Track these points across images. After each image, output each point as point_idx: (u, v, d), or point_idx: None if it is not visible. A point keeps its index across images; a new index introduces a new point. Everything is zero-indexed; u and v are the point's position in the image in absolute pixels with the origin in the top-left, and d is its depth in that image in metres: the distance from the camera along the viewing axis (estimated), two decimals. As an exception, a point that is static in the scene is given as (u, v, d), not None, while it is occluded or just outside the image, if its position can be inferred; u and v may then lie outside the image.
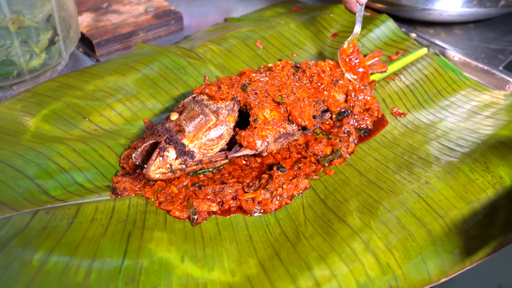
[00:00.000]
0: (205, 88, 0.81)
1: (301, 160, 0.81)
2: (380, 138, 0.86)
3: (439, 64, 1.01)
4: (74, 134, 0.83)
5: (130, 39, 1.10)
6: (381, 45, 1.07)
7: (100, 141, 0.81)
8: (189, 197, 0.74)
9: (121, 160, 0.79)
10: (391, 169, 0.78)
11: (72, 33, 0.98)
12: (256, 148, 0.76)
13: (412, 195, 0.72)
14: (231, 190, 0.75)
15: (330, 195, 0.75)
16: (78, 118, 0.86)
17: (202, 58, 1.00)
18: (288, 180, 0.77)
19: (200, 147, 0.73)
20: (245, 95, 0.80)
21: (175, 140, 0.72)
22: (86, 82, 0.91)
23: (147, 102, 0.91)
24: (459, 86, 0.98)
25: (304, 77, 0.85)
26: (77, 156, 0.77)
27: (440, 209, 0.69)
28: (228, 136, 0.76)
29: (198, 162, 0.74)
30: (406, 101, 0.94)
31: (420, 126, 0.88)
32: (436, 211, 0.69)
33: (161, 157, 0.71)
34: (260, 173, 0.81)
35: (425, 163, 0.78)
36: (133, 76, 0.94)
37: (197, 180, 0.77)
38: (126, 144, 0.82)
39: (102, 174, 0.77)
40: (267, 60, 1.03)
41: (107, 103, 0.89)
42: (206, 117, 0.75)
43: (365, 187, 0.75)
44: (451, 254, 0.65)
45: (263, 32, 1.08)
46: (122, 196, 0.73)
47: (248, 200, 0.74)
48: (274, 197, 0.74)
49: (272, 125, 0.78)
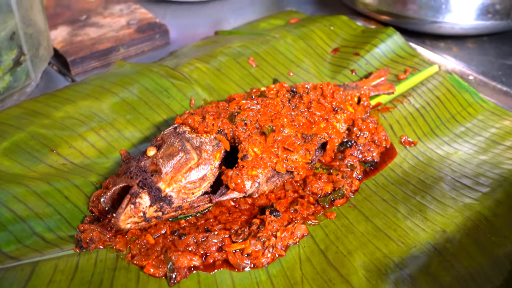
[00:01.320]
0: (187, 117, 0.71)
1: (298, 201, 0.71)
2: (388, 172, 0.76)
3: (451, 83, 0.91)
4: (39, 170, 0.73)
5: (109, 55, 0.99)
6: (387, 62, 0.97)
7: (67, 180, 0.70)
8: (167, 249, 0.63)
9: (90, 202, 0.69)
10: (401, 213, 0.68)
11: (42, 51, 0.88)
12: (245, 190, 0.66)
13: (427, 247, 0.61)
14: (217, 239, 0.65)
15: (331, 245, 0.64)
16: (44, 150, 0.75)
17: (188, 79, 0.89)
18: (282, 226, 0.67)
19: (179, 191, 0.63)
20: (233, 127, 0.69)
21: (149, 184, 0.61)
22: (55, 108, 0.81)
23: (124, 130, 0.81)
24: (476, 110, 0.87)
25: (301, 104, 0.75)
26: (38, 200, 0.67)
27: (461, 266, 0.59)
28: (212, 177, 0.66)
29: (176, 208, 0.64)
30: (416, 127, 0.84)
31: (433, 158, 0.78)
32: (457, 269, 0.59)
33: (132, 204, 0.60)
34: (250, 216, 0.70)
35: (440, 205, 0.68)
36: (109, 100, 0.83)
37: (177, 227, 0.67)
38: (97, 182, 0.72)
39: (67, 221, 0.66)
40: (261, 79, 0.93)
41: (79, 132, 0.78)
42: (186, 155, 0.65)
43: (372, 236, 0.64)
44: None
45: (257, 48, 0.97)
46: (88, 249, 0.62)
47: (236, 252, 0.63)
48: (266, 248, 0.64)
49: (265, 163, 0.67)
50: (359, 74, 0.95)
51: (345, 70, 0.96)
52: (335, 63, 0.98)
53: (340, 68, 0.97)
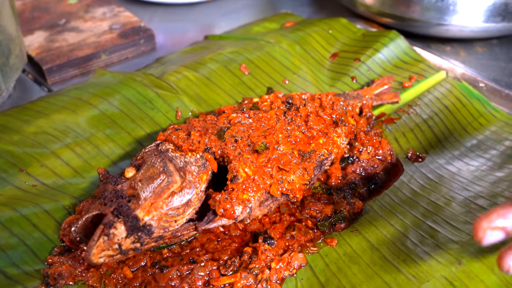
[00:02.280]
0: (171, 134, 0.64)
1: (295, 225, 0.63)
2: (394, 191, 0.69)
3: (461, 91, 0.84)
4: (5, 193, 0.65)
5: (89, 63, 0.92)
6: (391, 68, 0.90)
7: (35, 204, 0.63)
8: (147, 285, 0.56)
9: (62, 230, 0.61)
10: (411, 240, 0.60)
11: (14, 60, 0.80)
12: (236, 216, 0.58)
13: (441, 282, 0.54)
14: (203, 272, 0.58)
15: (333, 278, 0.57)
16: (12, 170, 0.68)
17: (175, 88, 0.82)
18: (277, 256, 0.59)
19: (159, 219, 0.55)
20: (221, 144, 0.62)
21: (125, 212, 0.54)
22: (27, 122, 0.73)
23: (103, 146, 0.73)
24: (488, 121, 0.80)
25: (298, 117, 0.67)
26: (1, 230, 0.59)
27: (482, 306, 0.52)
28: (198, 202, 0.59)
29: (157, 238, 0.56)
30: (424, 140, 0.76)
31: (444, 175, 0.70)
32: (477, 309, 0.51)
33: (106, 236, 0.53)
34: (241, 244, 0.63)
35: (454, 230, 0.61)
36: (87, 113, 0.76)
37: (159, 257, 0.59)
38: (71, 206, 0.65)
39: (34, 253, 0.59)
40: (254, 88, 0.86)
41: (52, 149, 0.71)
42: (169, 177, 0.57)
43: (378, 268, 0.57)
44: None
45: (249, 54, 0.90)
46: (56, 286, 0.55)
47: (224, 287, 0.56)
48: (260, 282, 0.56)
49: (257, 185, 0.60)
50: (360, 81, 0.88)
51: (345, 77, 0.89)
52: (334, 69, 0.91)
53: (340, 75, 0.89)
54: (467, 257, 0.56)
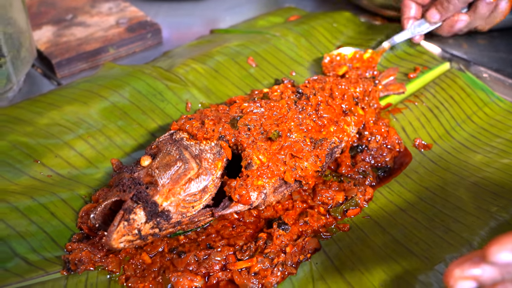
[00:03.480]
0: (185, 123, 0.65)
1: (308, 212, 0.64)
2: (403, 179, 0.70)
3: (465, 82, 0.85)
4: (21, 183, 0.66)
5: (97, 57, 0.92)
6: (396, 60, 0.91)
7: (52, 193, 0.64)
8: (165, 269, 0.57)
9: (79, 218, 0.62)
10: (421, 224, 0.62)
11: (24, 53, 0.81)
12: (251, 202, 0.59)
13: (454, 263, 0.55)
14: (220, 257, 0.59)
15: (347, 261, 0.58)
16: (27, 161, 0.68)
17: (183, 81, 0.83)
18: (292, 241, 0.60)
19: (177, 205, 0.57)
20: (235, 132, 0.63)
21: (144, 198, 0.55)
22: (39, 114, 0.74)
23: (116, 137, 0.74)
24: (492, 110, 0.81)
25: (309, 106, 0.68)
26: (20, 217, 0.60)
27: (493, 284, 0.53)
28: (214, 188, 0.60)
29: (175, 224, 0.57)
30: (430, 129, 0.78)
31: (451, 162, 0.72)
32: None
33: (126, 221, 0.54)
34: (256, 230, 0.64)
35: (464, 215, 0.62)
36: (98, 105, 0.77)
37: (176, 243, 0.60)
38: (86, 195, 0.66)
39: (53, 240, 0.60)
40: (261, 80, 0.87)
41: (65, 140, 0.72)
42: (185, 164, 0.58)
43: (391, 251, 0.58)
44: None
45: (256, 47, 0.91)
46: (77, 272, 0.56)
47: (241, 271, 0.57)
48: (275, 266, 0.58)
49: (271, 171, 0.61)
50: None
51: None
52: (339, 61, 0.92)
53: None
54: (478, 239, 0.58)
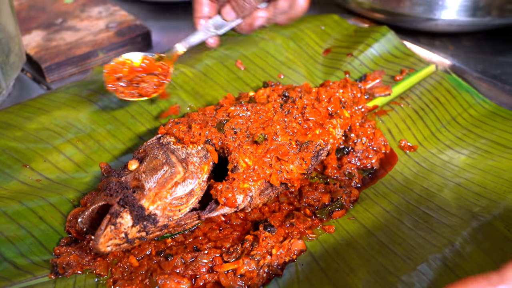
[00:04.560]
0: (172, 127, 0.65)
1: (294, 214, 0.65)
2: (388, 180, 0.71)
3: (451, 84, 0.86)
4: (10, 188, 0.67)
5: (87, 61, 0.93)
6: (382, 63, 0.92)
7: (41, 198, 0.64)
8: (153, 272, 0.58)
9: (67, 222, 0.63)
10: (406, 225, 0.63)
11: (14, 58, 0.81)
12: (237, 205, 0.60)
13: (436, 263, 0.56)
14: (207, 259, 0.59)
15: (332, 263, 0.59)
16: (16, 166, 0.69)
17: (172, 84, 0.83)
18: (278, 243, 0.61)
19: (164, 208, 0.57)
20: (221, 136, 0.64)
21: (131, 202, 0.56)
22: (28, 119, 0.75)
23: (104, 141, 0.75)
24: (477, 111, 0.83)
25: (295, 109, 0.69)
26: (9, 222, 0.60)
27: (475, 284, 0.54)
28: (200, 191, 0.60)
29: (162, 227, 0.58)
30: (416, 131, 0.79)
31: (436, 164, 0.73)
32: (469, 287, 0.54)
33: (113, 225, 0.54)
34: (243, 232, 0.65)
35: (447, 215, 0.63)
36: (87, 109, 0.77)
37: (163, 246, 0.61)
38: (75, 199, 0.66)
39: (41, 244, 0.60)
40: (250, 83, 0.88)
41: (54, 145, 0.72)
42: (172, 168, 0.59)
43: (375, 252, 0.59)
44: None
45: (244, 50, 0.92)
46: (65, 275, 0.57)
47: (228, 273, 0.58)
48: (261, 268, 0.58)
49: (257, 174, 0.62)
50: (353, 75, 0.90)
51: (338, 72, 0.91)
52: (327, 64, 0.93)
53: (333, 69, 0.92)
54: (460, 239, 0.59)
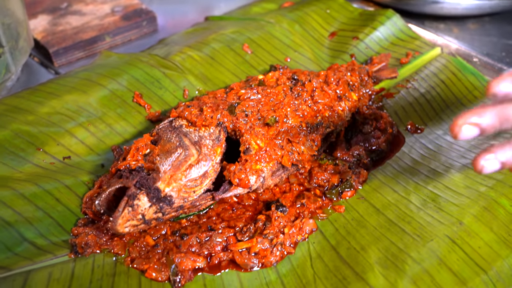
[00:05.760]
0: (183, 110, 0.66)
1: (304, 194, 0.67)
2: (396, 161, 0.72)
3: (456, 66, 0.87)
4: (25, 171, 0.68)
5: (94, 45, 0.94)
6: (388, 46, 0.93)
7: (56, 180, 0.65)
8: (169, 251, 0.59)
9: (83, 204, 0.64)
10: (414, 204, 0.64)
11: (22, 42, 0.82)
12: (250, 185, 0.62)
13: (444, 240, 0.58)
14: (221, 238, 0.61)
15: (343, 241, 0.61)
16: (29, 149, 0.70)
17: (180, 68, 0.84)
18: (290, 222, 0.63)
19: (179, 190, 0.59)
20: (233, 118, 0.65)
21: (147, 185, 0.57)
22: (40, 103, 0.75)
23: (115, 125, 0.76)
24: (482, 93, 0.84)
25: (304, 92, 0.70)
26: (27, 204, 0.62)
27: (481, 260, 0.56)
28: (214, 173, 0.62)
29: (177, 208, 0.59)
30: (422, 113, 0.80)
31: (442, 145, 0.74)
32: (477, 262, 0.56)
33: (130, 207, 0.56)
34: (255, 212, 0.66)
35: (454, 194, 0.65)
36: (97, 93, 0.78)
37: (178, 226, 0.63)
38: (89, 182, 0.67)
39: (59, 225, 0.61)
40: (257, 66, 0.88)
41: (66, 128, 0.73)
42: (185, 151, 0.60)
43: (385, 230, 0.61)
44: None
45: (251, 34, 0.92)
46: (84, 254, 0.58)
47: (242, 252, 0.60)
48: (275, 246, 0.60)
49: (269, 155, 0.63)
50: (359, 59, 0.91)
51: (344, 55, 0.92)
52: (333, 47, 0.94)
53: (339, 53, 0.93)
54: (467, 217, 0.60)
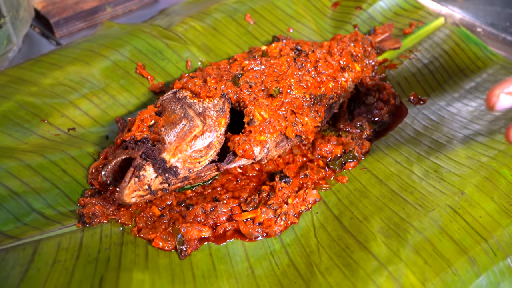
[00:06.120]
0: (187, 81, 0.66)
1: (307, 165, 0.68)
2: (399, 132, 0.73)
3: (459, 36, 0.87)
4: (30, 142, 0.68)
5: (95, 15, 0.93)
6: (392, 16, 0.92)
7: (62, 151, 0.66)
8: (175, 221, 0.60)
9: (89, 175, 0.65)
10: (416, 174, 0.65)
11: (23, 12, 0.81)
12: (254, 156, 0.62)
13: (446, 210, 0.59)
14: (226, 208, 0.62)
15: (346, 211, 0.62)
16: (34, 120, 0.70)
17: (183, 39, 0.84)
18: (293, 193, 0.64)
19: (184, 161, 0.59)
20: (237, 90, 0.65)
21: (153, 155, 0.57)
22: (43, 74, 0.75)
23: (119, 96, 0.76)
24: (485, 64, 0.84)
25: (308, 63, 0.70)
26: (34, 175, 0.62)
27: (482, 229, 0.57)
28: (218, 144, 0.62)
29: (183, 179, 0.60)
30: (425, 84, 0.80)
31: (444, 116, 0.75)
32: (477, 231, 0.57)
33: (136, 177, 0.56)
34: (259, 183, 0.67)
35: (456, 165, 0.65)
36: (100, 64, 0.78)
37: (183, 197, 0.64)
38: (94, 153, 0.68)
39: (66, 195, 0.62)
40: (259, 37, 0.88)
41: (70, 100, 0.73)
42: (190, 122, 0.61)
43: (387, 200, 0.62)
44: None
45: (253, 4, 0.91)
46: (92, 224, 0.59)
47: (247, 222, 0.61)
48: (279, 216, 0.61)
49: (273, 126, 0.63)
50: (362, 29, 0.90)
51: (347, 25, 0.91)
52: (336, 18, 0.93)
53: (342, 23, 0.92)
54: (469, 187, 0.61)
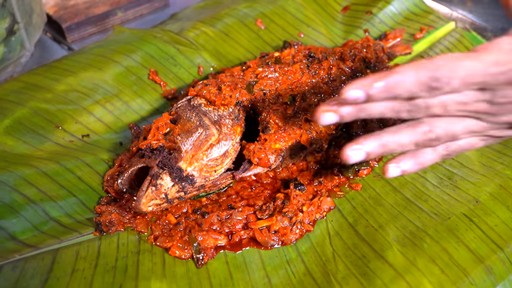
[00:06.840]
0: (202, 89, 0.66)
1: (321, 172, 0.68)
2: (411, 139, 0.73)
3: (470, 41, 0.87)
4: (45, 149, 0.68)
5: (106, 20, 0.93)
6: (402, 20, 0.92)
7: (76, 158, 0.66)
8: (191, 229, 0.61)
9: (105, 182, 0.65)
10: (430, 182, 0.65)
11: (36, 18, 0.81)
12: (270, 164, 0.62)
13: (462, 219, 0.59)
14: (241, 216, 0.62)
15: (361, 219, 0.62)
16: (49, 127, 0.71)
17: (194, 44, 0.84)
18: (308, 200, 0.64)
19: (200, 169, 0.59)
20: (251, 97, 0.65)
21: (169, 164, 0.58)
22: (56, 80, 0.75)
23: (132, 102, 0.76)
24: (496, 69, 0.84)
25: (321, 70, 0.70)
26: (50, 182, 0.63)
27: (498, 237, 0.57)
28: (234, 153, 0.62)
29: (199, 187, 0.60)
30: (437, 90, 0.80)
31: (457, 122, 0.75)
32: (493, 240, 0.57)
33: (153, 186, 0.57)
34: (273, 191, 0.67)
35: (470, 173, 0.66)
36: (112, 70, 0.78)
37: (199, 205, 0.64)
38: (109, 160, 0.68)
39: (82, 203, 0.63)
40: (270, 42, 0.88)
41: (83, 106, 0.74)
42: (206, 131, 0.61)
43: (402, 208, 0.62)
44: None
45: (264, 8, 0.92)
46: (109, 232, 0.59)
47: (262, 230, 0.61)
48: (294, 224, 0.61)
49: (288, 135, 0.64)
50: (373, 34, 0.90)
51: (358, 30, 0.91)
52: (346, 22, 0.93)
53: (352, 27, 0.92)
54: (483, 195, 0.62)
